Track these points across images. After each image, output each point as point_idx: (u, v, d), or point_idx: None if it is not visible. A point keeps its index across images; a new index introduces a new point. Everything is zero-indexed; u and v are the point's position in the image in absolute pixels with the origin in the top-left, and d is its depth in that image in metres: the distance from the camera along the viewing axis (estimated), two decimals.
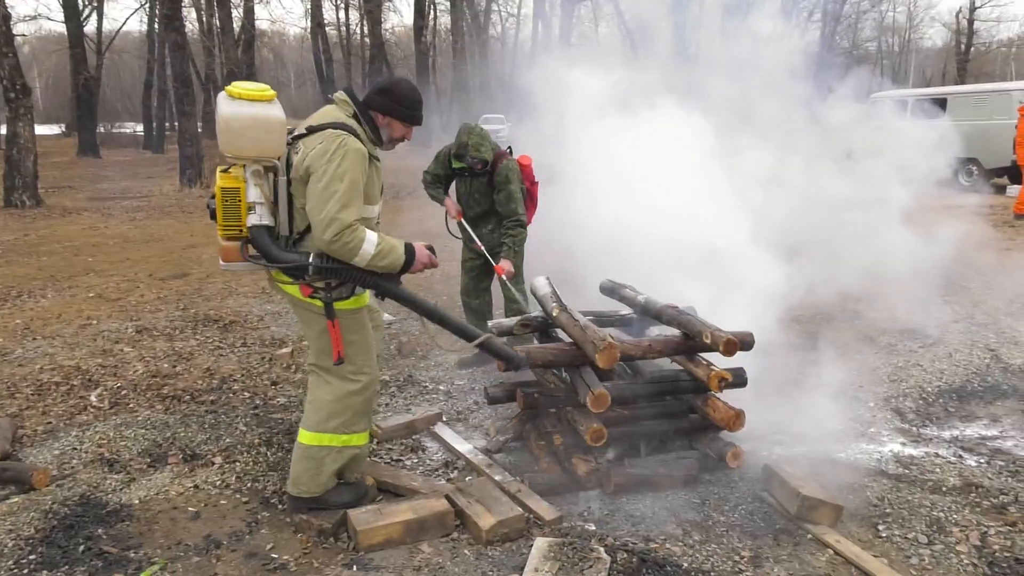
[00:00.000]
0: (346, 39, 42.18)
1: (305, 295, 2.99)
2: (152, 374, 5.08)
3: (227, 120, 2.76)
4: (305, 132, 2.95)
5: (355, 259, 2.89)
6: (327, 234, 2.80)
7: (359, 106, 3.07)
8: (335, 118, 2.98)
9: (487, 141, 4.79)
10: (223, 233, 2.91)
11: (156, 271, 8.50)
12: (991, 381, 5.00)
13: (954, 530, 3.18)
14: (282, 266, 2.91)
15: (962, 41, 44.12)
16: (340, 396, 3.10)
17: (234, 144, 2.79)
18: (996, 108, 14.74)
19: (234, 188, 2.86)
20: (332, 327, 2.98)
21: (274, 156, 2.88)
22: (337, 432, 3.13)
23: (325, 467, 3.14)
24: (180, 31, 18.36)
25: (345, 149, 2.84)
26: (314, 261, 2.90)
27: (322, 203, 2.80)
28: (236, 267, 3.00)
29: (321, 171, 2.81)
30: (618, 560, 2.87)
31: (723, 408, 3.56)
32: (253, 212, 2.89)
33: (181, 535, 3.18)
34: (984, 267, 8.06)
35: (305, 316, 3.09)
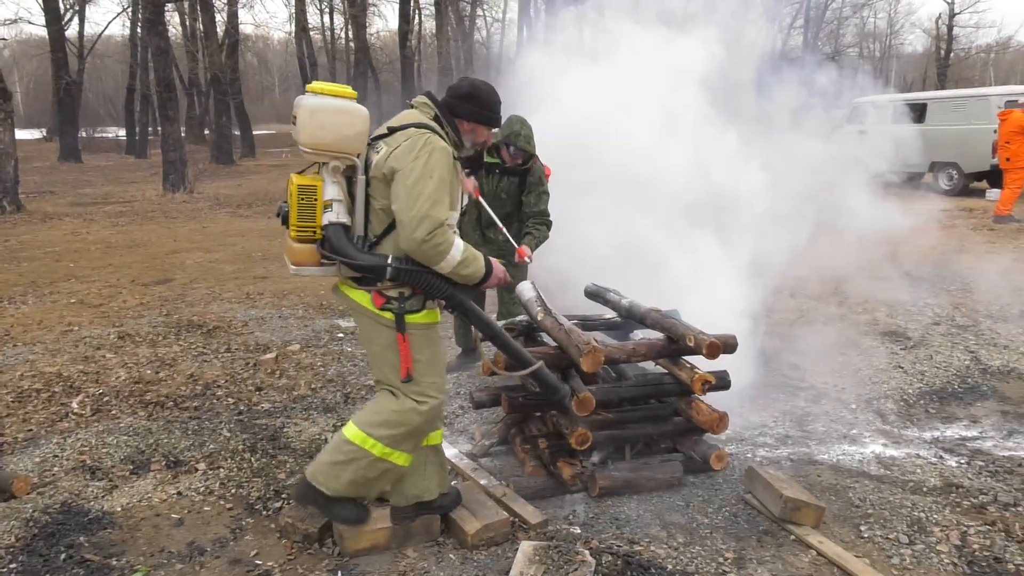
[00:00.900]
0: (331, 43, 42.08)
1: (377, 305, 2.83)
2: (135, 380, 5.05)
3: (311, 111, 2.69)
4: (386, 132, 2.85)
5: (441, 263, 2.75)
6: (419, 232, 2.66)
7: (442, 111, 2.98)
8: (417, 120, 2.88)
9: (530, 133, 4.58)
10: (296, 234, 2.78)
11: (139, 277, 8.44)
12: (971, 383, 5.06)
13: (935, 530, 3.22)
14: (359, 264, 2.76)
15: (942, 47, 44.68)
16: (404, 410, 2.90)
17: (316, 136, 2.70)
18: (975, 113, 14.93)
19: (311, 185, 2.76)
20: (402, 341, 2.83)
21: (355, 152, 2.78)
22: (382, 441, 2.91)
23: (348, 470, 2.93)
24: (163, 35, 18.25)
25: (432, 146, 2.75)
26: (393, 263, 2.77)
27: (412, 200, 2.67)
28: (308, 271, 2.86)
29: (408, 168, 2.70)
30: (603, 563, 2.88)
31: (707, 411, 3.58)
32: (330, 210, 2.78)
33: (164, 542, 3.16)
34: (964, 270, 8.16)
35: (369, 328, 2.91)
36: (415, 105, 3.00)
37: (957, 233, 10.45)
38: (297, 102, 2.78)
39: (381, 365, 2.94)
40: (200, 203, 15.71)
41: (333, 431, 4.24)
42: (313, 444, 4.08)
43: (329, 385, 5.02)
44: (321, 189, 2.77)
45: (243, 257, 9.70)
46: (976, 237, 10.20)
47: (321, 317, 6.68)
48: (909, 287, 7.46)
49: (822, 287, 7.40)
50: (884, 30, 55.01)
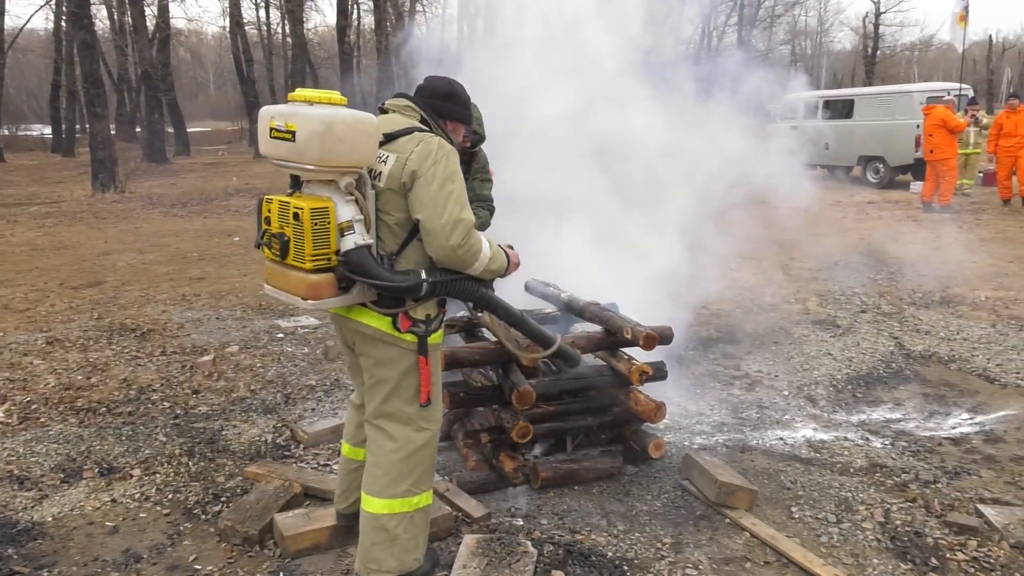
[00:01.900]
0: (267, 39, 41.23)
1: (403, 329, 2.60)
2: (65, 387, 4.89)
3: (328, 123, 2.38)
4: (383, 139, 2.60)
5: (474, 265, 2.61)
6: (454, 238, 2.50)
7: (429, 113, 2.80)
8: (408, 124, 2.69)
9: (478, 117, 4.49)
10: (314, 264, 2.46)
11: (68, 280, 8.15)
12: (895, 367, 5.29)
13: (860, 508, 3.37)
14: (395, 287, 2.52)
15: (869, 45, 46.28)
16: (409, 452, 2.68)
17: (334, 151, 2.40)
18: (899, 109, 15.53)
19: (323, 208, 2.44)
20: (424, 364, 2.64)
21: (369, 164, 2.54)
22: (408, 496, 2.68)
23: (400, 539, 2.68)
24: (89, 29, 17.63)
25: (447, 149, 2.60)
26: (428, 277, 2.56)
27: (440, 207, 2.50)
28: (328, 304, 2.55)
29: (430, 173, 2.52)
30: (545, 552, 2.93)
31: (645, 401, 3.66)
32: (351, 232, 2.48)
33: (98, 551, 3.08)
34: (890, 260, 8.50)
35: (386, 354, 2.64)
36: (394, 109, 2.79)
37: (884, 224, 10.87)
38: (287, 113, 2.47)
39: (393, 394, 2.67)
40: (132, 203, 15.24)
41: (274, 432, 4.19)
42: (253, 446, 4.03)
43: (269, 386, 4.96)
44: (334, 210, 2.48)
45: (178, 258, 9.46)
46: (901, 228, 10.63)
47: (260, 318, 6.57)
48: (839, 277, 7.75)
49: (755, 278, 7.62)
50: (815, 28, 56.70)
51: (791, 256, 8.85)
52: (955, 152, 12.15)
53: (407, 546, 2.70)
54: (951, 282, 7.41)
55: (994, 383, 4.93)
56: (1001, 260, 8.42)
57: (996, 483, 3.64)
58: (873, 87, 24.88)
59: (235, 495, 3.50)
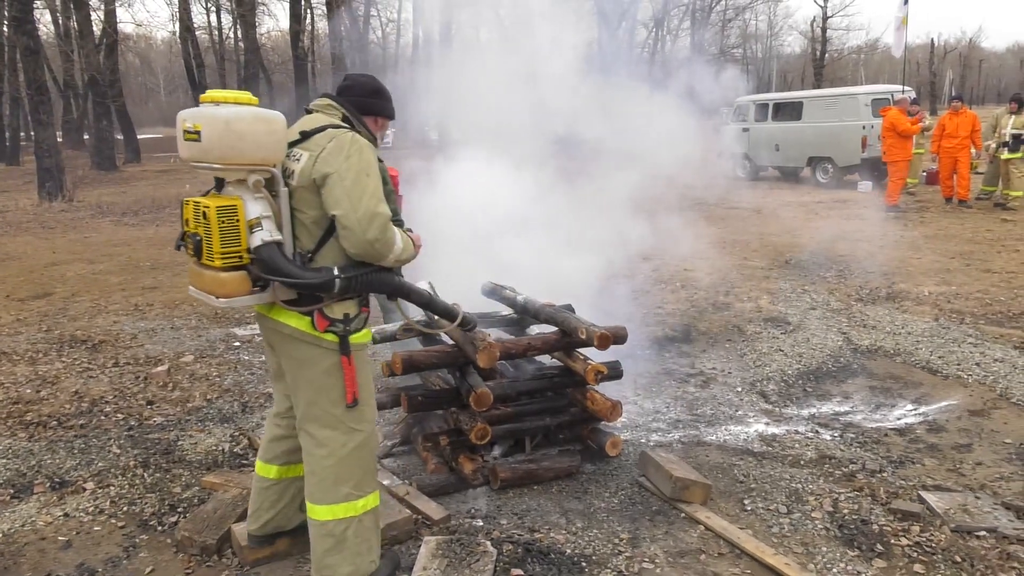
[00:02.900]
0: (219, 44, 40.61)
1: (320, 328, 2.58)
2: (13, 401, 4.78)
3: (227, 122, 2.41)
4: (299, 137, 2.64)
5: (389, 256, 2.61)
6: (371, 232, 2.50)
7: (351, 111, 2.80)
8: (328, 122, 2.68)
9: None
10: (223, 262, 2.47)
11: (14, 291, 7.94)
12: (843, 362, 5.45)
13: (810, 499, 3.47)
14: (306, 283, 2.51)
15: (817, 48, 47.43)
16: (341, 456, 2.64)
17: (236, 148, 2.42)
18: (846, 111, 15.95)
19: (231, 205, 2.46)
20: (347, 364, 2.62)
21: (276, 162, 2.54)
22: (350, 499, 2.66)
23: (348, 546, 2.66)
24: (32, 34, 17.16)
25: (360, 143, 2.59)
26: (340, 273, 2.55)
27: (355, 201, 2.49)
28: (240, 302, 2.55)
29: (343, 169, 2.51)
30: (504, 552, 2.97)
31: (601, 400, 3.73)
32: (259, 229, 2.49)
33: (50, 566, 3.03)
34: (838, 257, 8.74)
35: (306, 355, 2.62)
36: (317, 109, 2.82)
37: (832, 223, 11.16)
38: (195, 114, 2.50)
39: (317, 396, 2.65)
40: (81, 212, 14.88)
41: (231, 441, 4.15)
42: (210, 456, 3.99)
43: (226, 395, 4.91)
44: (242, 208, 2.49)
45: (130, 267, 9.28)
46: (849, 226, 10.93)
47: (216, 326, 6.49)
48: (790, 275, 7.94)
49: (709, 277, 7.77)
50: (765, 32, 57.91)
51: (744, 256, 9.05)
52: (905, 155, 12.37)
53: (359, 550, 2.69)
54: (896, 278, 7.66)
55: (937, 375, 5.11)
56: (943, 256, 8.72)
57: (938, 471, 3.78)
58: (821, 90, 25.50)
59: (192, 505, 3.46)
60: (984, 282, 7.44)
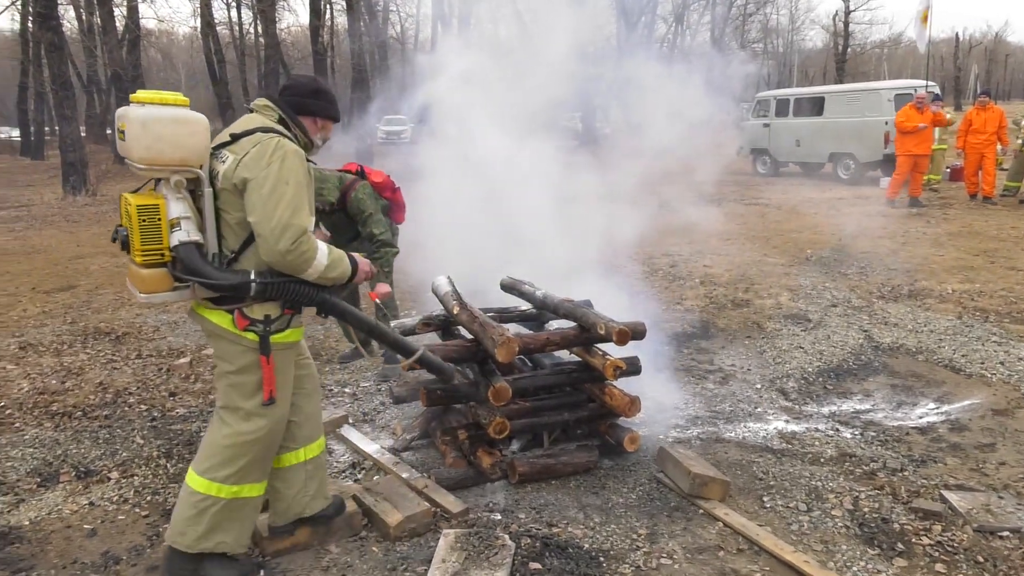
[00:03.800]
0: (239, 39, 40.87)
1: (240, 327, 2.64)
2: (39, 391, 4.85)
3: (143, 123, 2.46)
4: (229, 139, 2.66)
5: (308, 271, 2.62)
6: (282, 243, 2.51)
7: (287, 112, 2.81)
8: (261, 124, 2.71)
9: (330, 182, 4.74)
10: (143, 259, 2.55)
11: (39, 284, 8.06)
12: (864, 359, 5.41)
13: (830, 497, 3.45)
14: (220, 284, 2.56)
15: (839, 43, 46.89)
16: (236, 443, 2.71)
17: (153, 149, 2.47)
18: (868, 106, 15.78)
19: (152, 204, 2.53)
20: (266, 364, 2.66)
21: (198, 163, 2.57)
22: (228, 483, 2.72)
23: (205, 518, 2.71)
24: (57, 30, 17.35)
25: (284, 151, 2.59)
26: (257, 278, 2.59)
27: (270, 210, 2.51)
28: (160, 298, 2.63)
29: (262, 176, 2.53)
30: (522, 546, 2.98)
31: (619, 396, 3.73)
32: (178, 229, 2.55)
33: (76, 554, 3.08)
34: (860, 254, 8.66)
35: (227, 350, 2.70)
36: (256, 108, 2.83)
37: (854, 220, 11.04)
38: (121, 114, 2.55)
39: (231, 389, 2.72)
40: (104, 206, 15.06)
41: None
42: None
43: None
44: (164, 207, 2.55)
45: None
46: (871, 223, 10.81)
47: None
48: (810, 272, 7.88)
49: (728, 274, 7.73)
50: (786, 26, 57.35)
51: (763, 252, 8.99)
52: (905, 149, 12.33)
53: (213, 527, 2.73)
54: (919, 276, 7.58)
55: (960, 373, 5.05)
56: (967, 254, 8.61)
57: (961, 470, 3.75)
58: (843, 84, 25.22)
59: None
60: (1009, 280, 7.34)
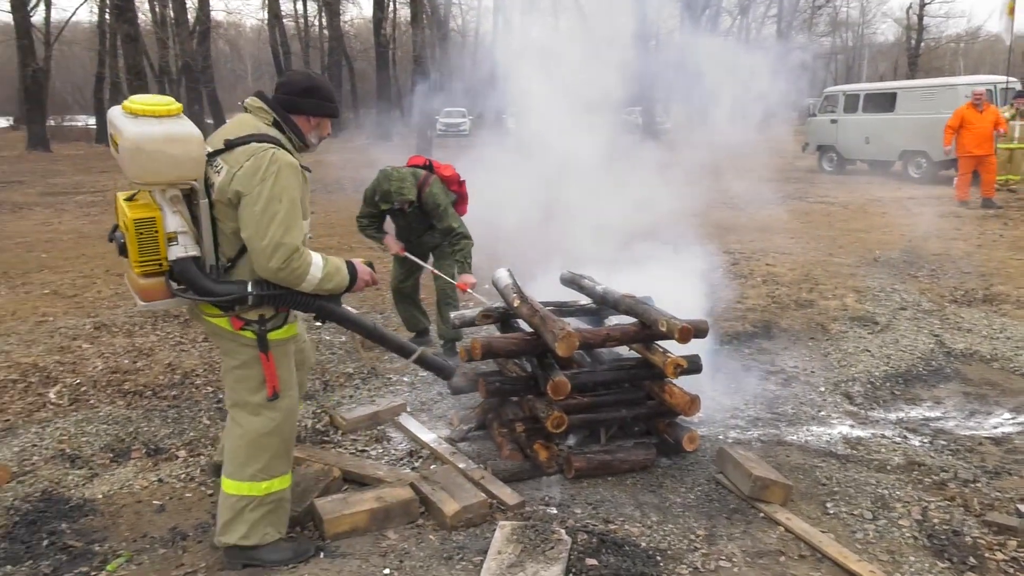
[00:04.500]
0: (304, 31, 41.67)
1: (236, 328, 2.71)
2: (112, 370, 5.04)
3: (136, 143, 2.44)
4: (223, 147, 2.64)
5: (302, 285, 2.68)
6: (273, 262, 2.56)
7: (280, 113, 2.79)
8: (255, 129, 2.70)
9: (407, 180, 4.84)
10: (141, 270, 2.58)
11: (113, 267, 8.36)
12: (935, 365, 5.22)
13: (897, 506, 3.34)
14: (219, 298, 2.63)
15: (912, 37, 45.24)
16: (253, 440, 2.79)
17: (148, 169, 2.47)
18: (943, 102, 15.18)
19: (149, 218, 2.54)
20: (266, 360, 2.73)
21: (194, 177, 2.57)
22: (255, 480, 2.80)
23: (244, 518, 2.80)
24: (132, 22, 18.00)
25: (278, 165, 2.57)
26: (254, 290, 2.65)
27: (263, 228, 2.54)
28: (160, 305, 2.69)
29: (256, 193, 2.54)
30: (578, 541, 2.97)
31: (679, 394, 3.68)
32: (175, 243, 2.57)
33: (146, 528, 3.19)
34: (931, 256, 8.35)
35: (228, 347, 2.78)
36: (249, 109, 2.81)
37: (925, 220, 10.66)
38: (115, 124, 2.54)
39: (237, 384, 2.80)
40: None
41: (313, 418, 4.29)
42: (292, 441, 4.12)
43: (309, 373, 5.05)
44: (161, 220, 2.56)
45: None
46: (943, 224, 10.42)
47: None
48: (878, 273, 7.64)
49: (791, 273, 7.55)
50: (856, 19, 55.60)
51: (829, 252, 8.75)
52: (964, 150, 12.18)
53: (255, 524, 2.82)
54: (995, 280, 7.27)
55: None
56: None
57: None
58: (917, 80, 24.35)
59: None
60: None
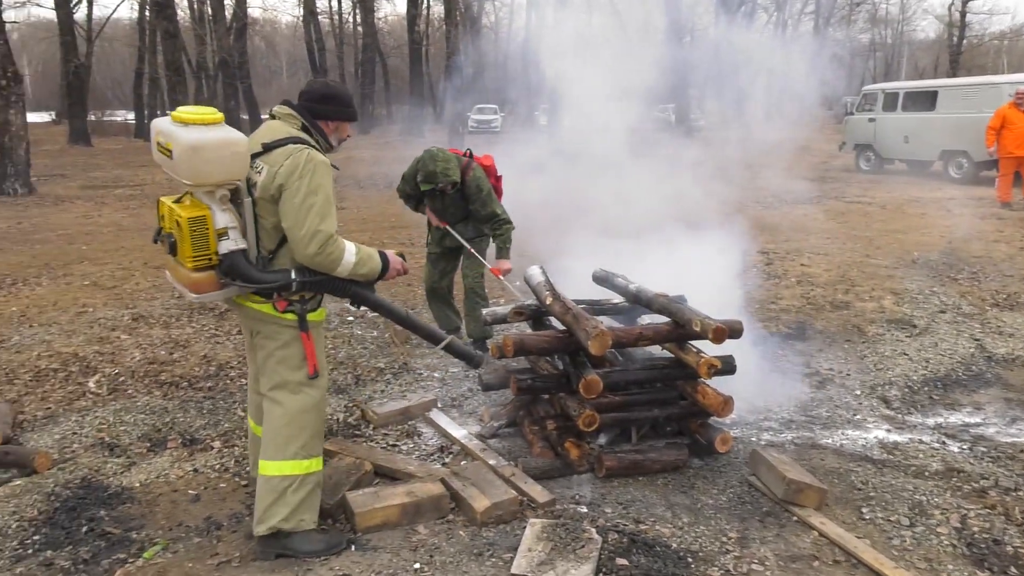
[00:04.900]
0: (339, 28, 41.99)
1: (281, 309, 2.92)
2: (149, 361, 5.13)
3: (193, 147, 2.67)
4: (261, 150, 2.89)
5: (337, 269, 2.90)
6: (311, 247, 2.79)
7: (307, 118, 3.03)
8: (287, 133, 2.94)
9: (452, 161, 4.83)
10: (193, 264, 2.78)
11: (151, 260, 8.52)
12: (975, 370, 5.10)
13: (935, 513, 3.27)
14: (266, 286, 2.85)
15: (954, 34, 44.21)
16: (294, 418, 2.96)
17: (203, 171, 2.71)
18: (986, 101, 14.81)
19: (201, 216, 2.76)
20: (307, 339, 2.95)
21: (240, 178, 2.82)
22: (297, 458, 2.96)
23: (286, 499, 2.92)
24: (172, 19, 18.28)
25: (314, 163, 2.83)
26: (297, 277, 2.88)
27: (301, 218, 2.78)
28: (210, 297, 2.89)
29: (295, 187, 2.79)
30: (609, 541, 2.96)
31: (712, 395, 3.64)
32: (226, 238, 2.80)
33: (182, 517, 3.25)
34: (971, 258, 8.17)
35: (270, 331, 2.97)
36: (279, 116, 3.04)
37: (966, 222, 10.43)
38: (166, 133, 2.74)
39: (278, 365, 2.97)
40: None
41: (345, 412, 4.32)
42: (325, 424, 4.16)
43: (340, 367, 5.10)
44: (211, 218, 2.77)
45: None
46: (985, 226, 10.19)
47: (330, 301, 6.71)
48: (917, 275, 7.49)
49: (827, 274, 7.43)
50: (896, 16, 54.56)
51: (866, 252, 8.60)
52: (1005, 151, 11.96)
53: (297, 507, 2.94)
54: None
55: None
56: None
57: None
58: (958, 78, 23.82)
59: None
60: None
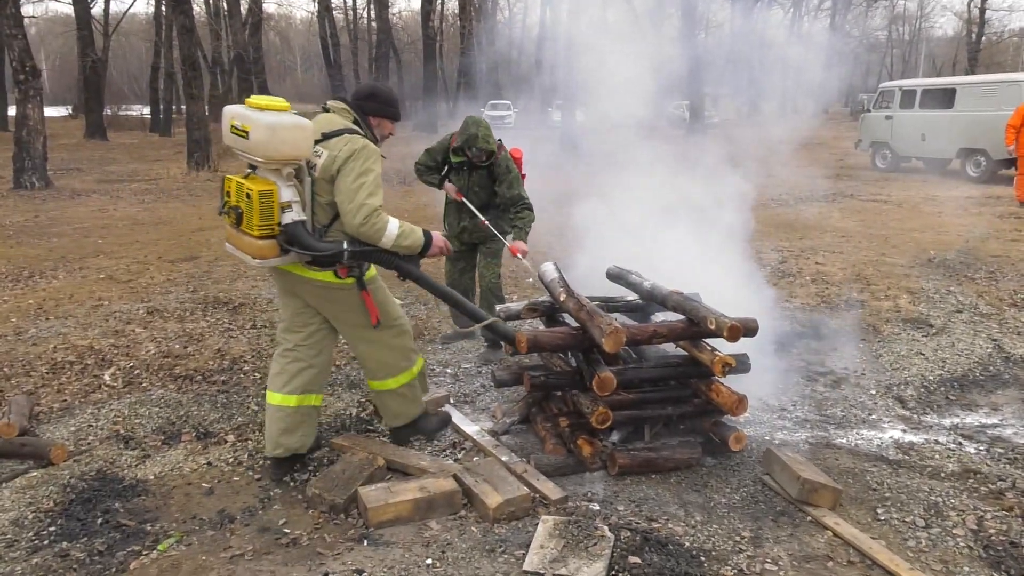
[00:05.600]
0: (353, 23, 42.04)
1: (343, 275, 3.37)
2: (164, 354, 5.17)
3: (273, 128, 3.04)
4: (321, 138, 3.30)
5: (382, 239, 3.28)
6: (358, 218, 3.20)
7: (359, 113, 3.50)
8: (343, 125, 3.38)
9: (492, 133, 4.83)
10: (260, 232, 3.15)
11: (165, 253, 8.58)
12: (993, 371, 5.05)
13: (951, 514, 3.24)
14: (323, 254, 3.24)
15: (973, 31, 43.74)
16: (391, 346, 3.63)
17: (278, 149, 3.08)
18: (1005, 99, 14.66)
19: (269, 190, 3.14)
20: (367, 296, 3.45)
21: (306, 157, 3.21)
22: (405, 370, 3.70)
23: (406, 397, 3.75)
24: (188, 14, 18.33)
25: (368, 150, 3.27)
26: (349, 247, 3.28)
27: (352, 193, 3.21)
28: (271, 262, 3.26)
29: (349, 168, 3.23)
30: (621, 538, 2.94)
31: (726, 393, 3.62)
32: (290, 210, 3.19)
33: (196, 509, 3.26)
34: (989, 258, 8.08)
35: (337, 296, 3.44)
36: (333, 110, 3.49)
37: (984, 221, 10.32)
38: (243, 116, 3.12)
39: (356, 321, 3.53)
40: None
41: (358, 407, 4.33)
42: (338, 419, 4.18)
43: (353, 362, 5.10)
44: (277, 192, 3.15)
45: None
46: (1003, 225, 10.08)
47: None
48: (933, 274, 7.42)
49: (842, 273, 7.38)
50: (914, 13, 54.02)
51: (882, 251, 8.53)
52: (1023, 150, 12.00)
53: (411, 402, 3.80)
54: None
55: None
56: None
57: None
58: (977, 75, 23.55)
59: (322, 465, 3.65)
60: None
